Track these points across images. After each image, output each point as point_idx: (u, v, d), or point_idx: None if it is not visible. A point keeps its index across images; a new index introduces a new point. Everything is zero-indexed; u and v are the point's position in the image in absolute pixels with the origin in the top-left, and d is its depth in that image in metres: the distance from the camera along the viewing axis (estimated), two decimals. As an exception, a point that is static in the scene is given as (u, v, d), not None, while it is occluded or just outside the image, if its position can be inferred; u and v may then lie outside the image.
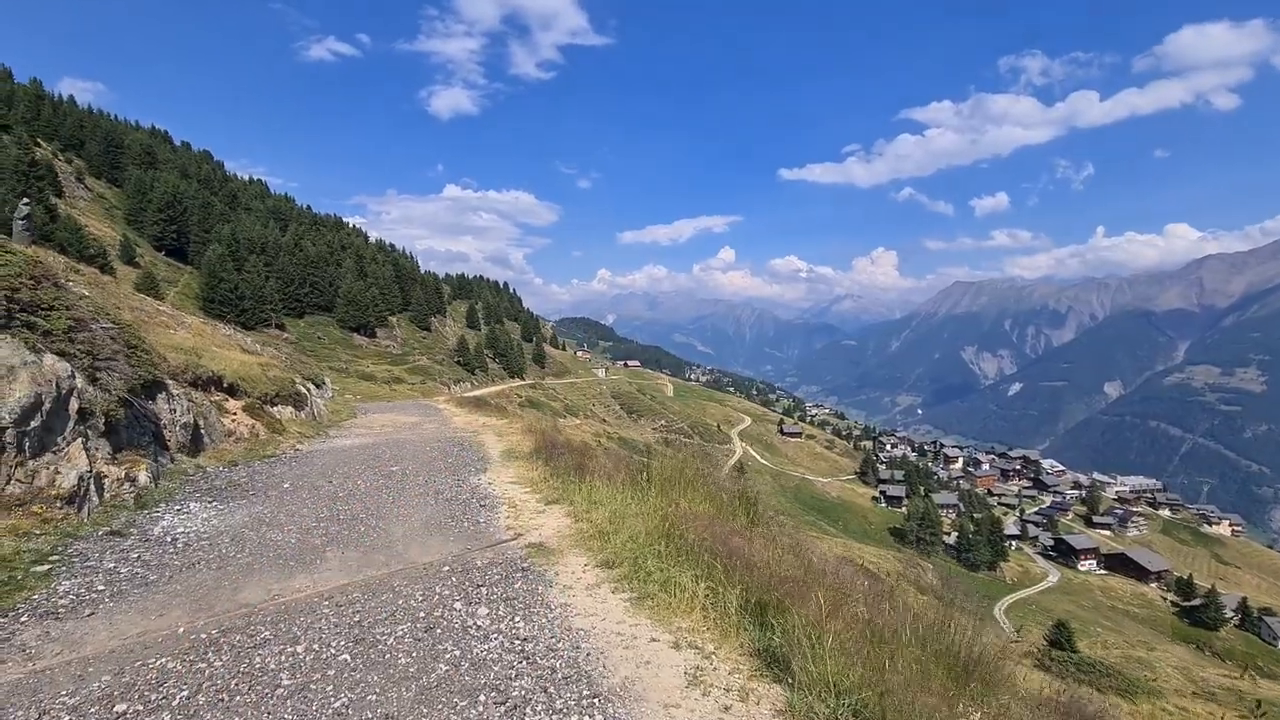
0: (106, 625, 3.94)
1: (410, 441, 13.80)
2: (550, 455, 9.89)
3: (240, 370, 12.85)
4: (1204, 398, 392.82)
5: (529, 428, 14.80)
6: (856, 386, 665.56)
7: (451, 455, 11.68)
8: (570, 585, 4.63)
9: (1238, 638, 79.42)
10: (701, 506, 5.83)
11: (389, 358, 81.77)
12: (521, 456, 11.06)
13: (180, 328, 17.25)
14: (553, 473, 8.88)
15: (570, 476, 8.24)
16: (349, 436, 14.61)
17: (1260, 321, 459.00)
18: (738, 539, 4.67)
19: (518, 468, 10.20)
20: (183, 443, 9.29)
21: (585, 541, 5.62)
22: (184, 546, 5.57)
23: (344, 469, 9.98)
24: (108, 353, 7.77)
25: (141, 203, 78.37)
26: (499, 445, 12.87)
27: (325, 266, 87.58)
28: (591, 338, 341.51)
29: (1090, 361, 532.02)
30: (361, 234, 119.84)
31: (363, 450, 12.29)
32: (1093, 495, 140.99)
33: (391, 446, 12.89)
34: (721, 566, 4.01)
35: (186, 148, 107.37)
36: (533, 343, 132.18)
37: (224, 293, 68.21)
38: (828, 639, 2.93)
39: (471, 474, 9.72)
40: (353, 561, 5.32)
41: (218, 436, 10.61)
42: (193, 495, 7.57)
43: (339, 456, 11.34)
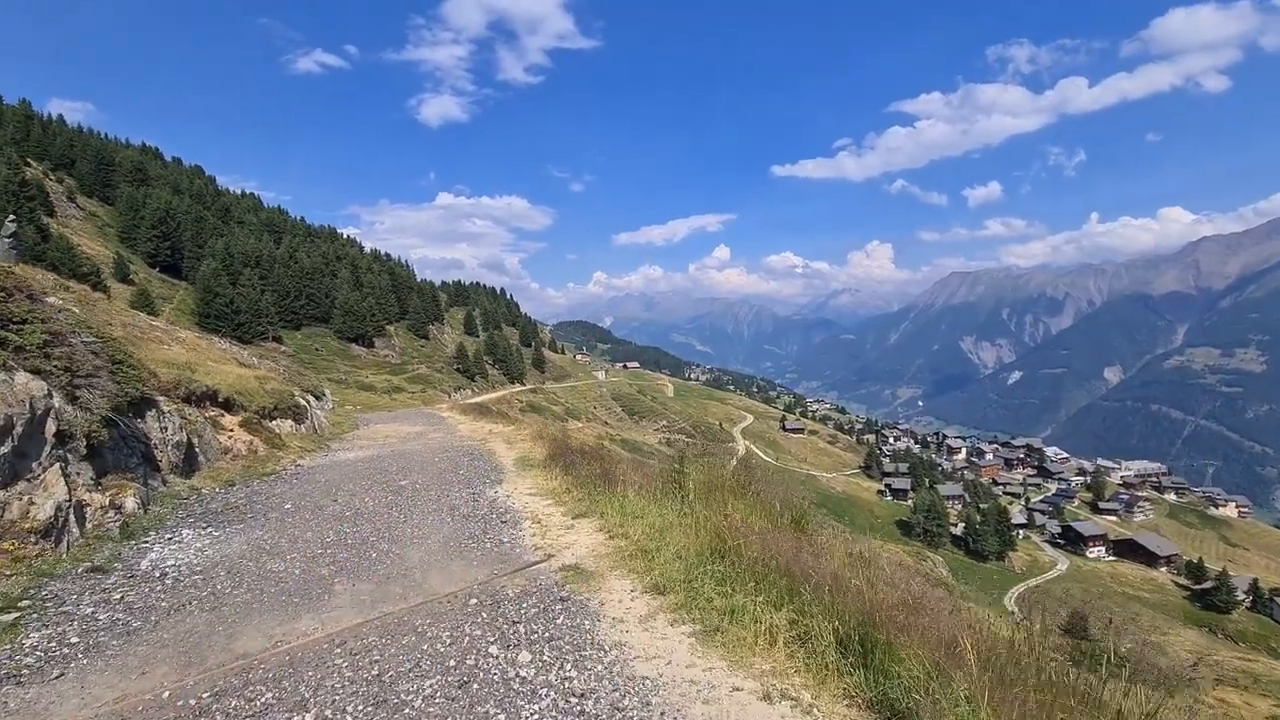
0: (78, 690, 3.31)
1: (417, 452, 13.26)
2: (568, 463, 9.39)
3: (236, 384, 12.30)
4: (1204, 380, 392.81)
5: (539, 434, 14.30)
6: (856, 380, 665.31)
7: (462, 466, 11.17)
8: (620, 618, 4.01)
9: (1250, 620, 78.91)
10: (753, 518, 5.20)
11: (388, 367, 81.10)
12: (536, 465, 10.56)
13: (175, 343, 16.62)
14: (575, 482, 8.37)
15: (596, 486, 7.72)
16: (352, 449, 14.07)
17: (1258, 302, 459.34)
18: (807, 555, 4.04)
19: (535, 477, 9.69)
20: (175, 463, 8.66)
21: (626, 562, 5.02)
22: (174, 583, 4.94)
23: (349, 485, 9.50)
24: (89, 369, 7.14)
25: (134, 220, 77.69)
26: (511, 453, 12.35)
27: (321, 278, 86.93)
28: (590, 340, 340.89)
29: (1089, 347, 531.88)
30: (356, 244, 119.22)
31: (368, 464, 11.80)
32: (1098, 481, 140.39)
33: (397, 458, 12.36)
34: (799, 590, 3.38)
35: (178, 163, 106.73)
36: (531, 347, 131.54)
37: (220, 307, 67.53)
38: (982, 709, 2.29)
39: (487, 486, 9.22)
40: (366, 595, 4.70)
41: (214, 455, 10.04)
42: (186, 521, 6.95)
43: (343, 471, 10.85)
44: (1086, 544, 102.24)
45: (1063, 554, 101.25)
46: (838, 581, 3.44)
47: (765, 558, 3.99)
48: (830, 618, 3.14)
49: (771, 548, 4.07)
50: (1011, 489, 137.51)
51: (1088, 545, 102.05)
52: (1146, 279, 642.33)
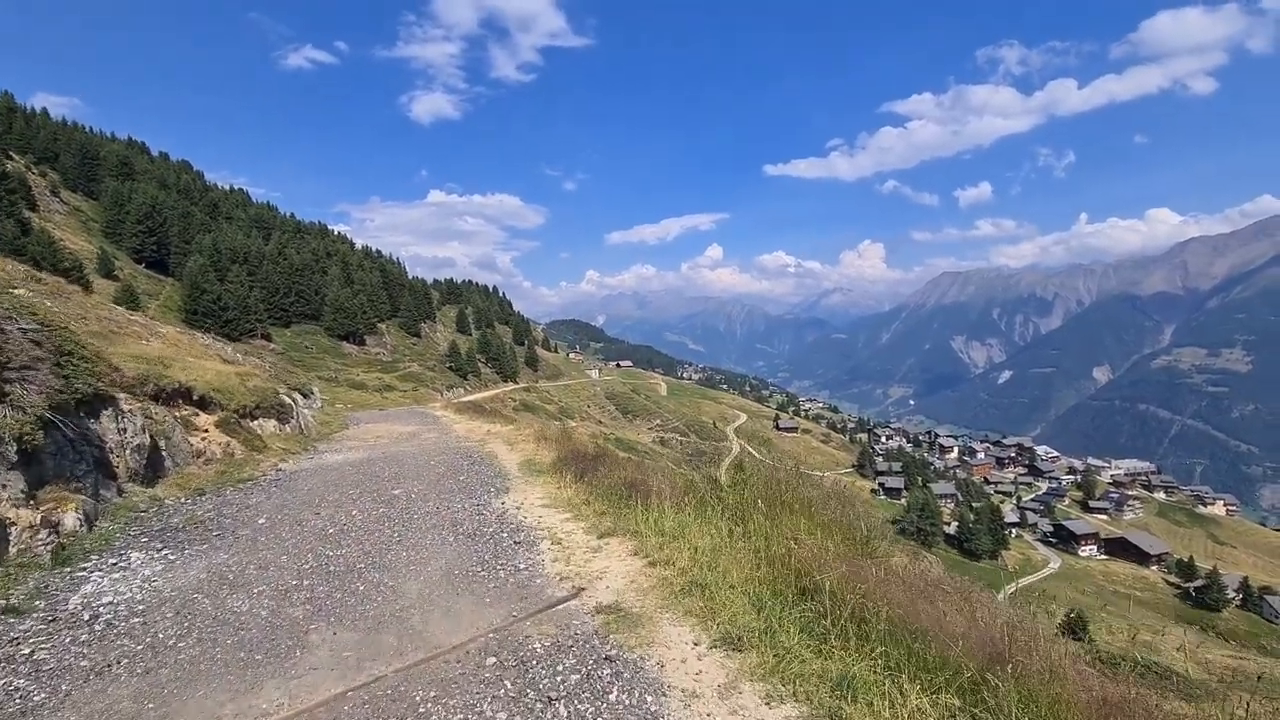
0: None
1: (410, 455, 12.21)
2: (581, 469, 8.48)
3: (215, 381, 11.32)
4: (1191, 379, 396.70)
5: (541, 435, 13.22)
6: (848, 379, 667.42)
7: (462, 471, 10.17)
8: (693, 691, 2.99)
9: (1240, 618, 79.08)
10: (829, 543, 4.23)
11: (380, 365, 79.67)
12: (545, 471, 9.64)
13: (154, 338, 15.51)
14: (593, 492, 7.51)
15: (620, 497, 6.82)
16: (340, 451, 12.99)
17: (1244, 302, 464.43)
18: (924, 601, 3.07)
19: (545, 485, 8.79)
20: (135, 469, 7.61)
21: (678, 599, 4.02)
22: (104, 630, 3.92)
23: (335, 494, 8.55)
24: (25, 360, 6.05)
25: (119, 215, 75.87)
26: (513, 457, 11.33)
27: (311, 274, 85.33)
28: (582, 339, 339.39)
29: (1078, 347, 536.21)
30: (347, 241, 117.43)
31: (357, 468, 10.79)
32: (1088, 480, 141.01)
33: (390, 462, 11.37)
34: (963, 668, 2.36)
35: (165, 158, 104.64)
36: (525, 346, 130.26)
37: (207, 304, 65.95)
38: None
39: (492, 495, 8.31)
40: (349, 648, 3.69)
41: (183, 459, 9.07)
42: (138, 540, 5.92)
43: (329, 477, 9.89)
44: (1078, 542, 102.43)
45: (1055, 552, 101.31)
46: (992, 647, 2.45)
47: (870, 603, 3.01)
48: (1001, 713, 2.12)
49: (881, 592, 3.09)
50: (1003, 488, 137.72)
51: (1079, 544, 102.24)
52: (1134, 279, 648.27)
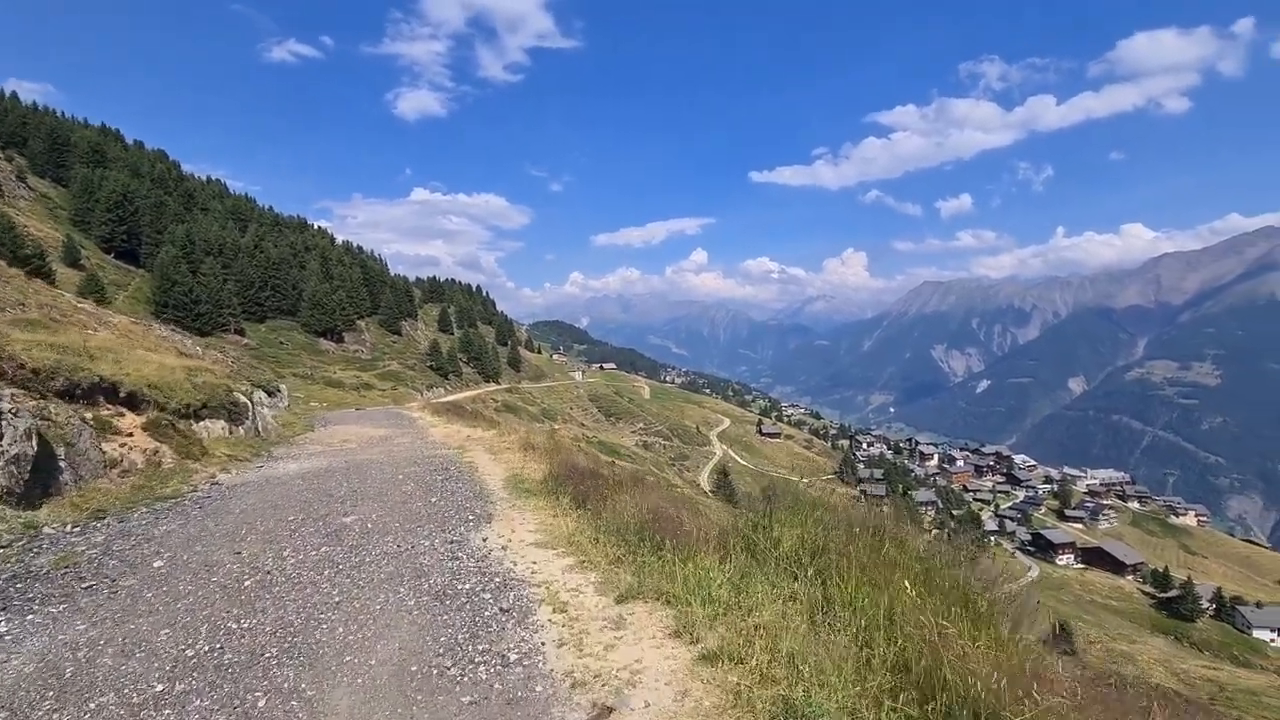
0: None
1: (377, 465, 10.70)
2: (581, 489, 7.22)
3: (153, 376, 9.90)
4: (1163, 392, 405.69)
5: (527, 443, 11.77)
6: (830, 386, 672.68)
7: (435, 489, 8.68)
8: None
9: (1214, 628, 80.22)
10: (973, 634, 3.12)
11: (358, 363, 77.64)
12: (535, 490, 8.26)
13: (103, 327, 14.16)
14: (601, 527, 6.20)
15: (638, 535, 5.69)
16: (297, 458, 11.48)
17: (1214, 317, 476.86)
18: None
19: (536, 510, 7.45)
20: (12, 486, 6.28)
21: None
22: None
23: (270, 521, 7.08)
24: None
25: (88, 202, 73.05)
26: (497, 470, 9.89)
27: (288, 269, 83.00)
28: (566, 341, 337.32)
29: (1054, 358, 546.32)
30: (327, 235, 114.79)
31: (309, 482, 9.30)
32: (1064, 489, 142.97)
33: (351, 474, 9.89)
34: None
35: (139, 146, 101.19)
36: (508, 346, 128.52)
37: (178, 296, 63.58)
38: None
39: (470, 526, 6.88)
40: None
41: (92, 470, 7.68)
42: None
43: (271, 495, 8.42)
44: (1056, 551, 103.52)
45: (1033, 561, 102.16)
46: None
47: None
48: None
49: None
50: (981, 496, 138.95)
51: (1057, 553, 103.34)
52: (1109, 293, 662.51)
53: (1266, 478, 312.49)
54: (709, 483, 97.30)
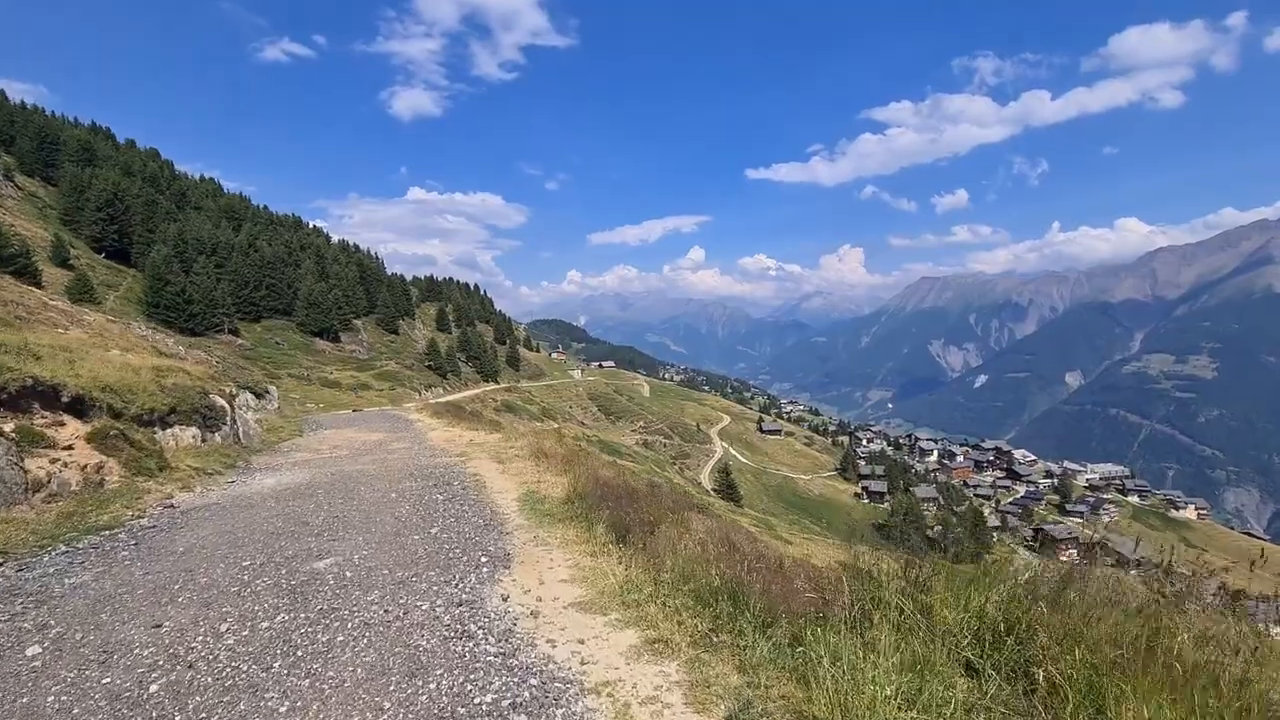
0: None
1: (368, 479, 9.52)
2: (616, 512, 6.05)
3: (110, 377, 8.89)
4: (1160, 385, 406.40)
5: (539, 448, 10.63)
6: (828, 382, 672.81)
7: (436, 514, 7.39)
8: None
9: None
10: None
11: (354, 363, 76.97)
12: (558, 514, 6.98)
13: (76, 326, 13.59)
14: (657, 576, 4.75)
15: (715, 589, 4.27)
16: (277, 471, 10.30)
17: (1210, 311, 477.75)
18: None
19: (565, 545, 6.12)
20: None
21: None
22: None
23: (216, 569, 5.59)
24: None
25: (78, 201, 72.26)
26: (508, 484, 8.79)
27: (283, 268, 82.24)
28: (564, 339, 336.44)
29: (1051, 353, 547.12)
30: (322, 234, 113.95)
31: (283, 504, 7.99)
32: (1064, 484, 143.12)
33: (335, 492, 8.67)
34: None
35: (131, 145, 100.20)
36: (506, 345, 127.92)
37: (170, 297, 62.89)
38: None
39: (484, 575, 5.42)
40: None
41: (10, 493, 6.57)
42: None
43: (231, 525, 7.09)
44: (1058, 546, 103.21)
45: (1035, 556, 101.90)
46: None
47: None
48: None
49: None
50: (982, 491, 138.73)
51: (1059, 548, 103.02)
52: (1106, 287, 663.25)
53: (1263, 470, 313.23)
54: (711, 481, 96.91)
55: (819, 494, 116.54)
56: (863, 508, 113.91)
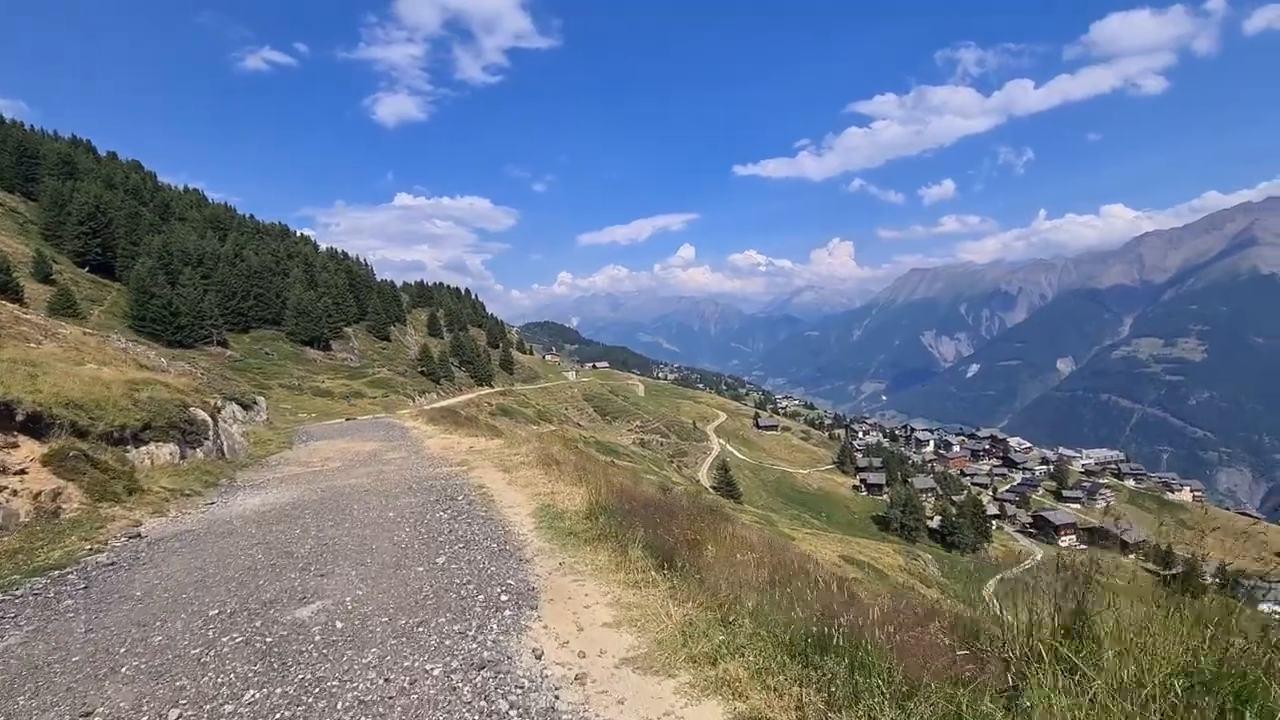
0: None
1: (362, 495, 8.81)
2: (652, 531, 5.33)
3: (77, 392, 8.17)
4: (1150, 369, 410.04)
5: (547, 455, 9.96)
6: (821, 376, 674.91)
7: (442, 538, 6.53)
8: None
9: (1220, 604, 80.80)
10: None
11: (346, 371, 76.04)
12: (582, 532, 6.19)
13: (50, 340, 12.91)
14: (725, 617, 3.92)
15: (807, 639, 3.37)
16: (262, 488, 9.51)
17: (1197, 294, 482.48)
18: None
19: (599, 573, 5.26)
20: None
21: None
22: None
23: (176, 622, 4.71)
24: None
25: (60, 216, 70.93)
26: (519, 497, 7.96)
27: (271, 277, 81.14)
28: (557, 341, 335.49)
29: (1042, 340, 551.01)
30: (310, 242, 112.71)
31: (265, 530, 7.18)
32: (1060, 470, 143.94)
33: (325, 512, 7.87)
34: None
35: (113, 157, 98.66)
36: (499, 349, 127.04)
37: (156, 309, 61.78)
38: None
39: (508, 621, 4.45)
40: None
41: None
42: None
43: (202, 559, 6.23)
44: (1058, 533, 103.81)
45: (1036, 544, 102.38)
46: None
47: None
48: None
49: None
50: (979, 480, 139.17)
51: (1059, 534, 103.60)
52: (1093, 273, 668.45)
53: (1254, 450, 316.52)
54: (709, 479, 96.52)
55: (817, 488, 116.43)
56: (862, 500, 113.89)
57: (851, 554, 50.60)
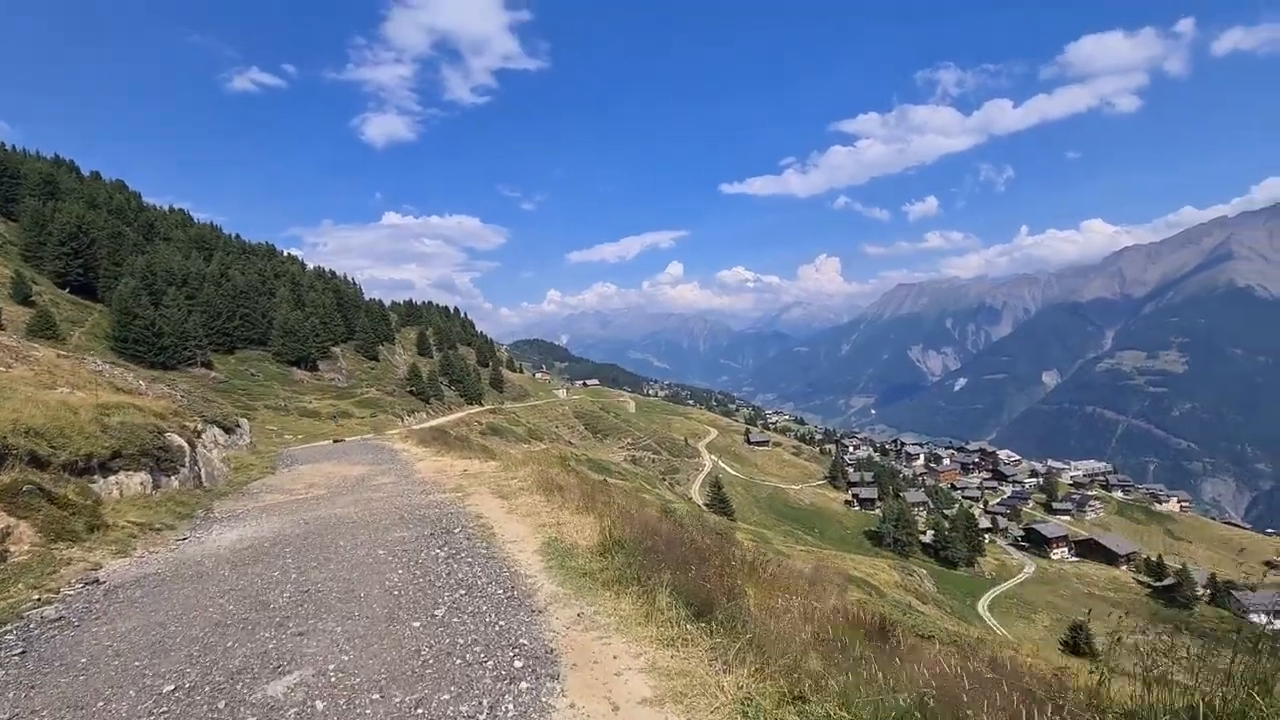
0: None
1: (349, 528, 8.10)
2: (686, 577, 4.64)
3: (36, 418, 7.51)
4: (1133, 381, 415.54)
5: (547, 479, 9.28)
6: (811, 391, 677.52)
7: (440, 584, 5.75)
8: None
9: (1212, 614, 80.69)
10: None
11: (334, 391, 74.78)
12: (597, 573, 5.46)
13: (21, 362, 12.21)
14: (780, 681, 3.33)
15: None
16: (240, 521, 8.79)
17: (1177, 307, 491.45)
18: None
19: (625, 627, 4.55)
20: None
21: None
22: None
23: (121, 703, 3.92)
24: None
25: (40, 236, 69.64)
26: (522, 529, 7.18)
27: (257, 297, 79.99)
28: (547, 359, 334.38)
29: (1027, 353, 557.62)
30: (297, 261, 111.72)
31: (240, 572, 6.44)
32: (1050, 482, 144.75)
33: (307, 551, 7.11)
34: None
35: (96, 178, 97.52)
36: (489, 367, 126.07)
37: (138, 331, 60.44)
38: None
39: (523, 696, 3.74)
40: None
41: None
42: None
43: (163, 614, 5.41)
44: (1050, 545, 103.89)
45: (1028, 557, 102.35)
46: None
47: None
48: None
49: None
50: (969, 493, 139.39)
51: (1051, 547, 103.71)
52: (1075, 287, 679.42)
53: (1237, 460, 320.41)
54: (702, 496, 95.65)
55: (810, 503, 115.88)
56: (854, 515, 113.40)
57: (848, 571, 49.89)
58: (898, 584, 53.24)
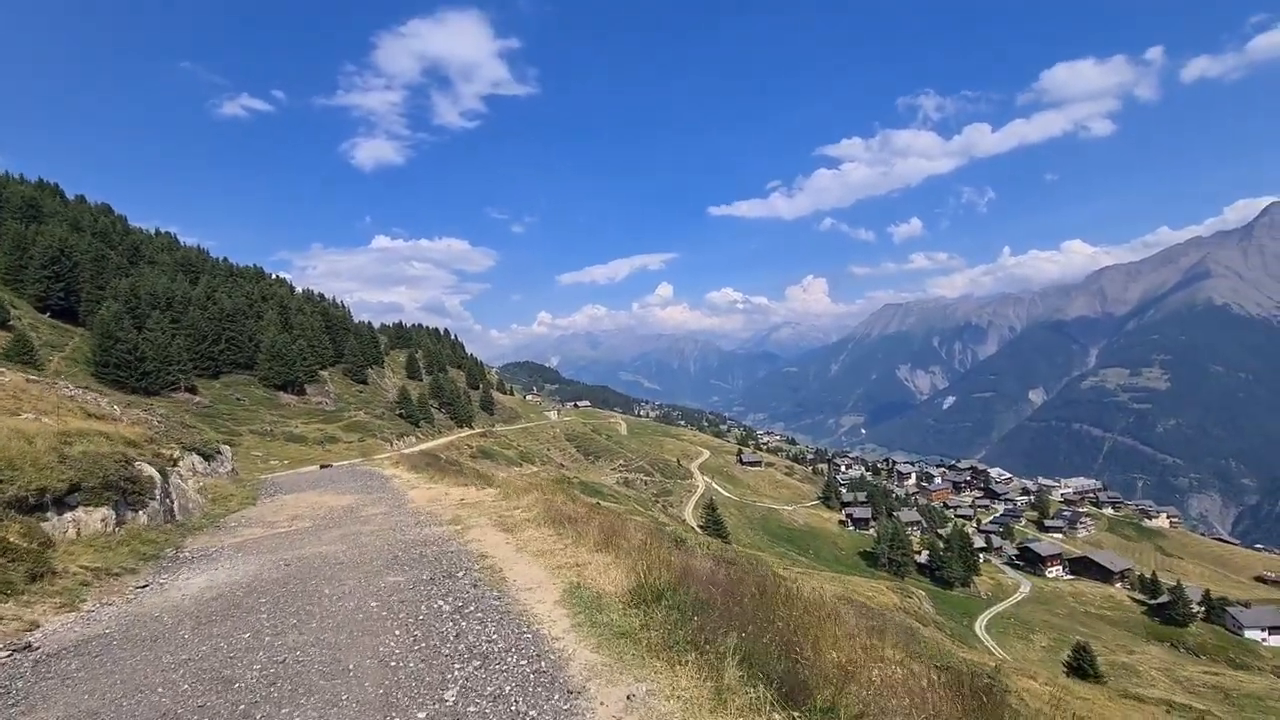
0: None
1: (335, 571, 7.26)
2: (759, 640, 3.67)
3: None
4: (1118, 398, 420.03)
5: (552, 510, 8.40)
6: (801, 411, 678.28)
7: (444, 646, 4.82)
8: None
9: (1207, 631, 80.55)
10: None
11: (321, 415, 73.43)
12: (638, 633, 4.50)
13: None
14: None
15: None
16: (212, 561, 7.88)
17: (1158, 324, 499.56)
18: None
19: (689, 710, 3.53)
20: None
21: None
22: None
23: None
24: None
25: (21, 259, 68.45)
26: (536, 571, 6.42)
27: (244, 320, 78.80)
28: (537, 381, 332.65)
29: (1014, 371, 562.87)
30: (285, 284, 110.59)
31: (202, 635, 5.46)
32: (1041, 500, 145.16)
33: (287, 603, 6.14)
34: None
35: (81, 201, 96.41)
36: (479, 389, 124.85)
37: (120, 355, 59.11)
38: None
39: None
40: None
41: None
42: None
43: (98, 701, 4.28)
44: (1044, 564, 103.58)
45: (1023, 575, 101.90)
46: None
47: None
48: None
49: None
50: (962, 511, 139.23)
51: (1045, 565, 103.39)
52: (1058, 306, 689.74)
53: (1221, 475, 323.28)
54: (695, 518, 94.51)
55: (804, 524, 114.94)
56: (848, 536, 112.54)
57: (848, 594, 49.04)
58: (898, 606, 52.43)
